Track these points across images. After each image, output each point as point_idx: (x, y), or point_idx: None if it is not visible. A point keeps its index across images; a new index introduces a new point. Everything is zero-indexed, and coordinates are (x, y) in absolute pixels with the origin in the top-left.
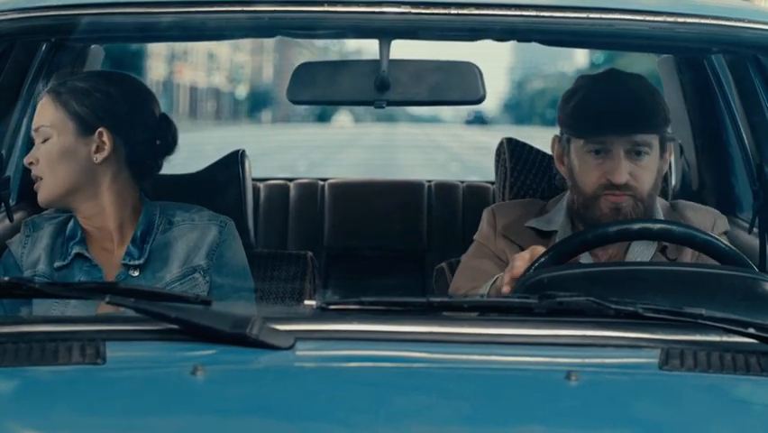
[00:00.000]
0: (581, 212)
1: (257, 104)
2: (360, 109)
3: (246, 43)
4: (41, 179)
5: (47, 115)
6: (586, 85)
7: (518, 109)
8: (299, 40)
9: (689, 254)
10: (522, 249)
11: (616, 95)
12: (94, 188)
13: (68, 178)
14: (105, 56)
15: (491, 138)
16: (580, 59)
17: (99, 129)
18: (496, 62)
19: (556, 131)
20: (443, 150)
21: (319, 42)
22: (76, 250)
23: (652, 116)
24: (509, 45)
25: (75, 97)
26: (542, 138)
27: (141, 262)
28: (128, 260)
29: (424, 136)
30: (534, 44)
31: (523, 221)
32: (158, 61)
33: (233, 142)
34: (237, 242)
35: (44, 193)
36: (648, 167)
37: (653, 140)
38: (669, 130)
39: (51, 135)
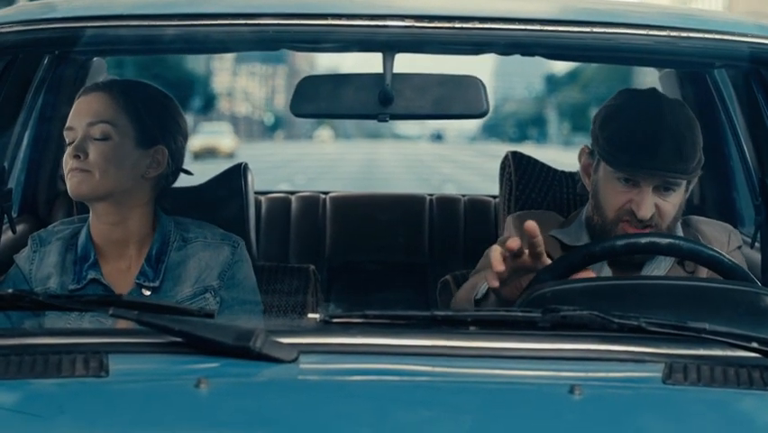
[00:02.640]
0: (599, 232)
1: (274, 127)
2: (344, 125)
3: (268, 81)
4: (88, 172)
5: (106, 111)
6: (625, 107)
7: (495, 128)
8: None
9: (704, 269)
10: (550, 258)
11: (655, 131)
12: (130, 200)
13: (117, 184)
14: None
15: (441, 149)
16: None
17: (159, 145)
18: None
19: (519, 147)
20: (410, 153)
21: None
22: (91, 275)
23: (689, 161)
24: (490, 73)
25: (141, 104)
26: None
27: (157, 284)
28: (142, 280)
29: (400, 147)
30: (509, 73)
31: (546, 230)
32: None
33: (264, 153)
34: (248, 263)
35: (85, 189)
36: (673, 202)
37: (684, 179)
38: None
39: (112, 135)
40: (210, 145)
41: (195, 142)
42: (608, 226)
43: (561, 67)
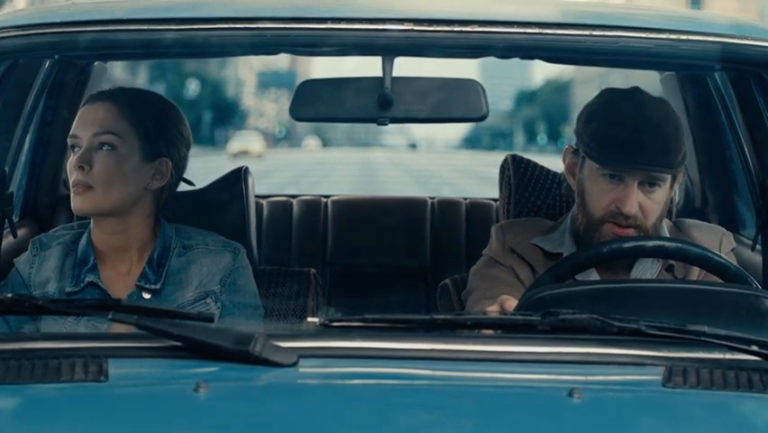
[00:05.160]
0: (583, 234)
1: (282, 138)
2: (335, 135)
3: (278, 102)
4: (92, 188)
5: (113, 122)
6: (609, 105)
7: (473, 139)
8: None
9: (696, 273)
10: (530, 266)
11: (639, 126)
12: (133, 211)
13: (121, 197)
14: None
15: (413, 155)
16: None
17: (163, 157)
18: None
19: (494, 155)
20: (396, 157)
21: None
22: (89, 278)
23: (673, 155)
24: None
25: (147, 116)
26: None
27: (158, 286)
28: (143, 282)
29: (387, 153)
30: (492, 85)
31: (529, 239)
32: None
33: (282, 157)
34: (249, 269)
35: (89, 204)
36: (658, 199)
37: (669, 174)
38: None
39: (117, 147)
40: (244, 149)
41: (233, 146)
42: (593, 226)
43: (527, 86)
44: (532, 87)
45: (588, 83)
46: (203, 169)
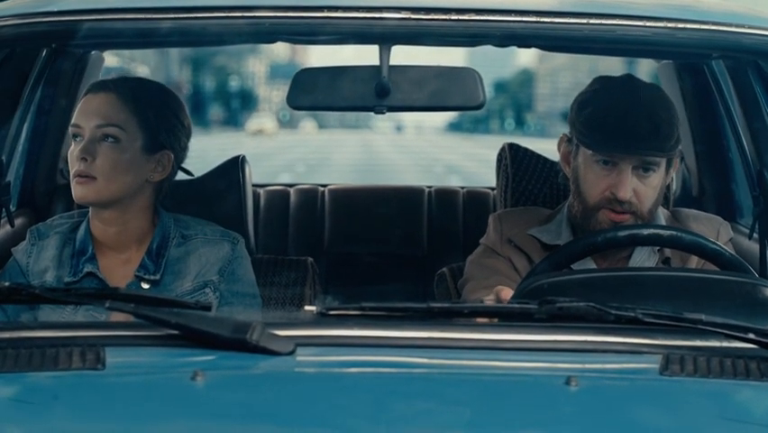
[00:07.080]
0: (580, 221)
1: (285, 122)
2: (327, 119)
3: (280, 92)
4: (94, 178)
5: (116, 115)
6: (602, 92)
7: (456, 124)
8: None
9: (693, 264)
10: (527, 256)
11: (632, 111)
12: (132, 202)
13: (122, 189)
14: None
15: (400, 138)
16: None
17: (166, 151)
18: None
19: (480, 139)
20: (376, 139)
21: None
22: (87, 269)
23: (666, 139)
24: None
25: (150, 108)
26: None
27: (157, 277)
28: (143, 273)
29: (373, 135)
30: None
31: (526, 229)
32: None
33: (288, 137)
34: (247, 260)
35: (91, 193)
36: (653, 184)
37: (663, 159)
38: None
39: (120, 138)
40: (260, 128)
41: (251, 126)
42: (589, 213)
43: (502, 76)
44: (506, 77)
45: (547, 76)
46: (235, 143)
